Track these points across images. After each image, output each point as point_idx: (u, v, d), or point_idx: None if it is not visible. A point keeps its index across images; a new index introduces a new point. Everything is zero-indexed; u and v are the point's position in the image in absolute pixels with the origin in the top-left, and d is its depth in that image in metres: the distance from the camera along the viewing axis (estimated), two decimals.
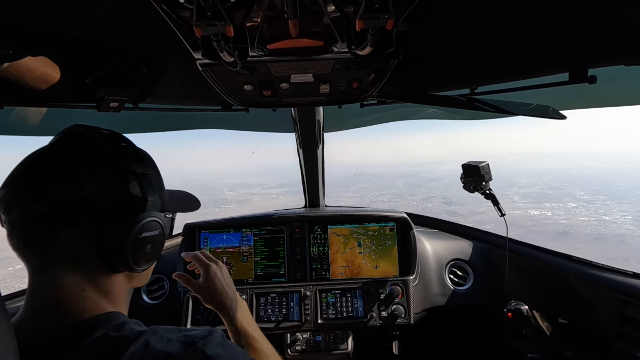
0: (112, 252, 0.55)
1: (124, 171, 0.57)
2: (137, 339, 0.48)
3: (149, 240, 0.59)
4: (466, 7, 0.59)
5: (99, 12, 0.56)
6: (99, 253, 0.54)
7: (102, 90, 0.79)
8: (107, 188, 0.55)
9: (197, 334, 0.52)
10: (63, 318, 0.51)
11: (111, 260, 0.56)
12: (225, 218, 1.75)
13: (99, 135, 0.58)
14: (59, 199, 0.51)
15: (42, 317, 0.51)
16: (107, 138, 0.59)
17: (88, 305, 0.53)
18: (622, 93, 1.33)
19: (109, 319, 0.53)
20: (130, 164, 0.58)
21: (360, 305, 1.55)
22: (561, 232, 31.23)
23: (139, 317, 0.57)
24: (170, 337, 0.50)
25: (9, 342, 0.36)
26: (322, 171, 1.94)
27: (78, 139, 0.58)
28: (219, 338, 0.53)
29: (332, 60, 0.74)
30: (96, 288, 0.55)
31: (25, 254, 0.52)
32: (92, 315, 0.53)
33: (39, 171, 0.52)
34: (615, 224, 33.95)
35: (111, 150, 0.57)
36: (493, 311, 1.60)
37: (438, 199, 46.11)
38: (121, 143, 0.60)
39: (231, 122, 1.85)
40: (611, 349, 1.19)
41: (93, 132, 0.58)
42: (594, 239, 28.99)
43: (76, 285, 0.53)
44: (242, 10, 0.50)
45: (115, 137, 0.61)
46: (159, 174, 0.67)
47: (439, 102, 1.16)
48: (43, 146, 0.57)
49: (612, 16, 0.58)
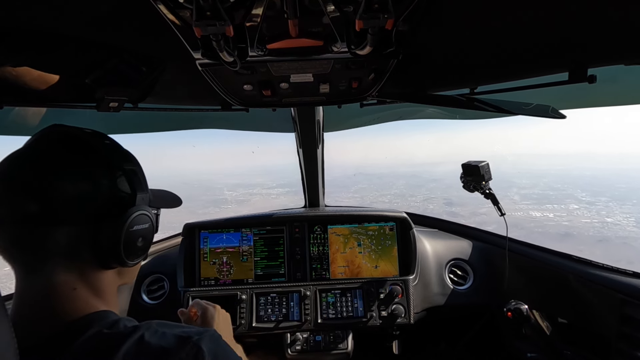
0: (105, 247, 0.55)
1: (114, 168, 0.58)
2: (131, 334, 0.48)
3: (140, 234, 0.60)
4: (466, 6, 0.59)
5: (99, 12, 0.56)
6: (91, 249, 0.55)
7: (101, 90, 0.79)
8: (99, 185, 0.56)
9: (193, 329, 0.53)
10: (55, 318, 0.51)
11: (103, 255, 0.56)
12: (225, 218, 1.75)
13: (84, 134, 0.59)
14: (52, 196, 0.51)
15: (33, 318, 0.51)
16: (93, 137, 0.60)
17: (80, 304, 0.53)
18: (622, 93, 1.33)
19: (101, 317, 0.53)
20: (118, 161, 0.60)
21: (360, 305, 1.55)
22: (564, 233, 31.12)
23: (139, 317, 0.57)
24: (165, 332, 0.50)
25: (9, 342, 0.36)
26: (322, 171, 1.94)
27: (63, 137, 0.58)
28: (214, 335, 0.53)
29: (332, 60, 0.74)
30: (87, 286, 0.56)
31: (13, 255, 0.52)
32: (85, 314, 0.53)
33: (31, 169, 0.52)
34: (618, 225, 33.80)
35: (99, 148, 0.58)
36: (493, 311, 1.60)
37: (439, 200, 46.06)
38: (105, 141, 0.61)
39: (231, 122, 1.85)
40: (611, 349, 1.18)
41: (78, 131, 0.59)
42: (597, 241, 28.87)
43: (67, 284, 0.53)
44: (242, 10, 0.50)
45: (100, 135, 0.62)
46: (142, 171, 0.68)
47: (438, 102, 1.16)
48: (25, 145, 0.57)
49: (612, 16, 0.58)
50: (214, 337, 0.53)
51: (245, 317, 1.51)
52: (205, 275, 1.65)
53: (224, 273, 1.66)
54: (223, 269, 1.66)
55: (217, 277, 1.66)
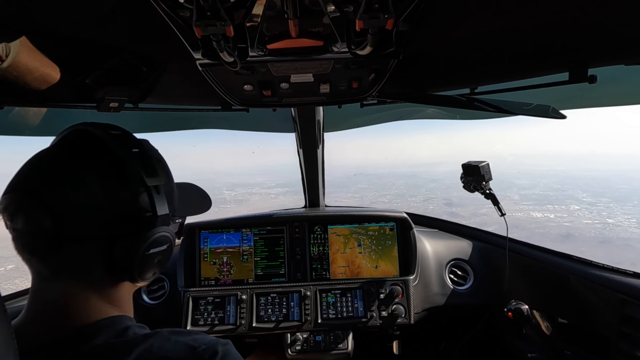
0: (119, 268, 0.53)
1: (135, 183, 0.54)
2: (140, 343, 0.47)
3: (157, 255, 0.57)
4: (466, 6, 0.59)
5: (99, 12, 0.56)
6: (105, 268, 0.53)
7: (101, 90, 0.79)
8: (116, 201, 0.52)
9: (206, 339, 0.51)
10: (67, 321, 0.50)
11: (118, 273, 0.54)
12: (225, 218, 1.75)
13: (109, 137, 0.54)
14: (64, 212, 0.49)
15: (45, 319, 0.51)
16: (119, 142, 0.55)
17: (92, 311, 0.53)
18: (622, 93, 1.33)
19: (112, 324, 0.52)
20: (141, 174, 0.54)
21: (361, 305, 1.55)
22: (565, 234, 30.93)
23: (139, 317, 0.57)
24: (177, 340, 0.49)
25: (9, 343, 0.36)
26: (322, 171, 1.94)
27: (86, 142, 0.54)
28: (226, 344, 0.52)
29: (332, 60, 0.73)
30: (100, 296, 0.54)
31: (30, 261, 0.51)
32: (96, 319, 0.52)
33: (44, 179, 0.49)
34: (620, 227, 33.55)
35: (122, 157, 0.53)
36: (493, 311, 1.60)
37: (439, 200, 45.86)
38: (133, 149, 0.56)
39: (231, 122, 1.85)
40: (611, 349, 1.18)
41: (104, 132, 0.54)
42: (599, 242, 28.66)
43: (80, 294, 0.52)
44: (242, 10, 0.50)
45: (127, 139, 0.57)
46: (171, 181, 0.64)
47: (438, 102, 1.16)
48: (49, 146, 0.55)
49: (612, 16, 0.58)
50: (225, 346, 0.52)
51: (245, 317, 1.51)
52: (205, 275, 1.65)
53: (224, 273, 1.66)
54: (223, 269, 1.66)
55: (218, 277, 1.65)
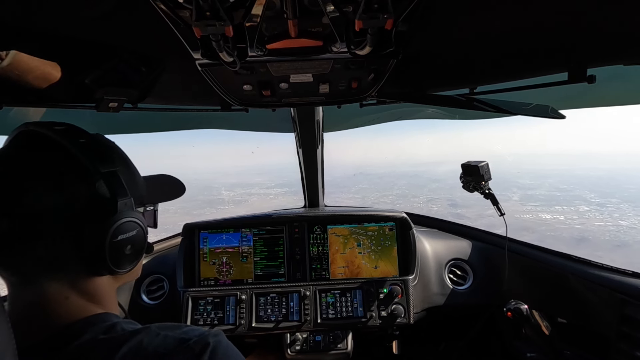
0: (90, 258, 0.52)
1: (88, 171, 0.52)
2: (129, 339, 0.46)
3: (127, 242, 0.55)
4: (465, 6, 0.59)
5: (99, 12, 0.56)
6: (76, 259, 0.51)
7: (101, 90, 0.79)
8: (73, 192, 0.50)
9: (195, 331, 0.50)
10: (48, 322, 0.49)
11: (91, 266, 0.53)
12: (225, 218, 1.75)
13: (54, 132, 0.53)
14: (20, 210, 0.47)
15: (25, 322, 0.48)
16: (66, 135, 0.53)
17: (74, 310, 0.51)
18: (622, 93, 1.33)
19: (98, 321, 0.50)
20: (93, 162, 0.53)
21: (360, 305, 1.55)
22: (579, 238, 30.02)
23: (138, 317, 0.57)
24: (166, 334, 0.48)
25: (9, 343, 0.36)
26: (321, 171, 1.94)
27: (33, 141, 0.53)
28: (217, 335, 0.51)
29: (332, 60, 0.74)
30: (80, 293, 0.52)
31: (2, 264, 0.49)
32: (80, 318, 0.50)
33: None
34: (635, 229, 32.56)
35: (70, 148, 0.52)
36: (493, 311, 1.60)
37: (443, 201, 45.28)
38: (80, 139, 0.54)
39: (231, 122, 1.85)
40: (611, 349, 1.18)
41: (48, 129, 0.53)
42: (615, 246, 27.76)
43: (59, 294, 0.50)
44: (242, 11, 0.50)
45: (74, 133, 0.55)
46: (130, 167, 0.62)
47: (438, 102, 1.16)
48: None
49: (611, 16, 0.58)
50: (216, 337, 0.50)
51: (245, 317, 1.51)
52: (204, 275, 1.65)
53: (224, 273, 1.66)
54: (223, 269, 1.66)
55: (217, 277, 1.65)
